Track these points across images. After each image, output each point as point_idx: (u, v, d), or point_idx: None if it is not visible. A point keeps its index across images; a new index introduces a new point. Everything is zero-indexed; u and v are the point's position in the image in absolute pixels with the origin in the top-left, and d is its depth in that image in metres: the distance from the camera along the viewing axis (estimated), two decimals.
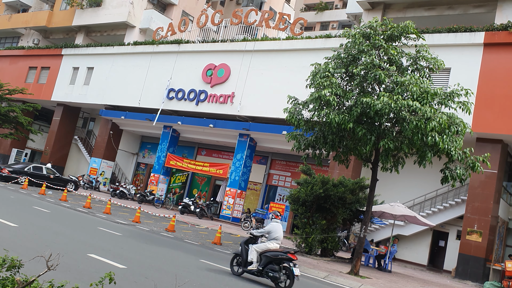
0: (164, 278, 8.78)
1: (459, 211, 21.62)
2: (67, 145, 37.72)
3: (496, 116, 19.14)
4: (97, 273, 8.15)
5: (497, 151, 19.67)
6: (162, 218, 22.48)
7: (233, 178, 27.20)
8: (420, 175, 20.67)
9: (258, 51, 26.94)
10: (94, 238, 12.45)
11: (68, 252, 9.54)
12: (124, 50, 33.26)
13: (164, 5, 38.26)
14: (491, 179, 19.65)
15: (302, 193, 18.02)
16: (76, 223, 15.24)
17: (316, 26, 50.05)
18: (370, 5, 25.26)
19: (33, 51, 39.39)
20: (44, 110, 39.47)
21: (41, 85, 37.43)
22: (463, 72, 19.80)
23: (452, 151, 12.75)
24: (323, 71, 13.87)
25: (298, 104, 14.75)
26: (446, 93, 13.41)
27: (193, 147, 33.99)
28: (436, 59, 13.95)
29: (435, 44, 20.02)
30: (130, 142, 36.82)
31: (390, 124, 13.72)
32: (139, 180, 36.50)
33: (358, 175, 22.53)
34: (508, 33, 19.54)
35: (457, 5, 23.74)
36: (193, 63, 29.43)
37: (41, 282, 4.51)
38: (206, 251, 14.23)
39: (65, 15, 39.88)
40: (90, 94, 34.08)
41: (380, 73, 12.99)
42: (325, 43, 24.00)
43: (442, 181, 13.75)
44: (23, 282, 4.34)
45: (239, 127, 26.87)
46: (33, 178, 25.77)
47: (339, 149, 14.76)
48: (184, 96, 29.03)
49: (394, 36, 14.20)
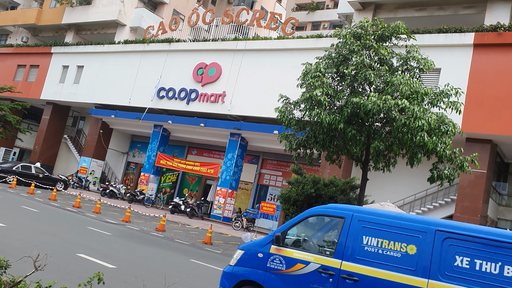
0: (154, 278, 8.73)
1: (448, 210, 21.75)
2: (56, 144, 37.40)
3: (485, 117, 19.30)
4: (86, 273, 8.07)
5: (486, 151, 19.83)
6: (152, 218, 22.37)
7: (224, 178, 27.14)
8: (410, 175, 20.76)
9: (250, 50, 26.91)
10: (84, 238, 12.34)
11: (57, 252, 9.44)
12: (115, 48, 33.04)
13: (155, 4, 38.08)
14: (480, 179, 19.80)
15: (293, 192, 18.04)
16: (65, 223, 15.11)
17: (308, 26, 50.17)
18: (361, 5, 25.34)
19: (22, 49, 39.01)
20: (33, 109, 39.11)
21: (30, 83, 37.08)
22: (453, 72, 19.93)
23: (441, 151, 12.83)
24: (314, 71, 13.90)
25: (290, 104, 14.76)
26: (436, 93, 13.49)
27: (184, 146, 33.88)
28: (426, 60, 14.02)
29: (426, 44, 20.14)
30: (120, 141, 36.60)
31: (381, 124, 13.77)
32: (129, 179, 36.30)
33: (348, 175, 22.59)
34: (498, 34, 19.72)
35: (448, 6, 23.90)
36: (184, 62, 29.33)
37: (28, 282, 4.45)
38: (197, 250, 14.18)
39: (55, 13, 39.54)
40: (80, 93, 33.82)
41: (370, 73, 13.03)
42: (316, 43, 24.03)
43: (429, 180, 13.83)
44: (10, 282, 4.28)
45: (230, 127, 26.83)
46: (21, 177, 25.51)
47: (330, 149, 14.79)
48: (175, 95, 28.91)
49: (385, 36, 14.26)
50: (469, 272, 5.50)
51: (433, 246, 5.79)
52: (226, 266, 7.14)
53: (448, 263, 5.64)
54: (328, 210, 6.78)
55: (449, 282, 5.55)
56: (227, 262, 12.92)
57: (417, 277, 5.69)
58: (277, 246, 6.67)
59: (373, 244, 6.12)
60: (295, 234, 6.90)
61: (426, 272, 5.69)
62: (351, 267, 6.10)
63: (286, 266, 6.52)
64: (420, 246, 5.85)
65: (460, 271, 5.55)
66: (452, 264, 5.62)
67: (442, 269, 5.64)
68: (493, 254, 5.46)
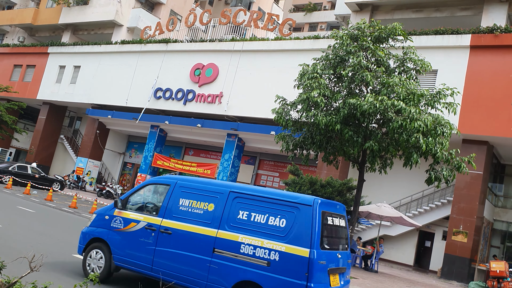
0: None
1: (445, 211, 21.81)
2: (52, 144, 37.30)
3: (482, 118, 19.35)
4: (82, 274, 8.05)
5: (482, 153, 19.87)
6: None
7: (221, 178, 27.11)
8: (407, 176, 20.80)
9: (247, 51, 26.91)
10: None
11: (52, 252, 9.41)
12: (112, 49, 32.98)
13: (152, 4, 38.05)
14: (476, 180, 19.86)
15: None
16: (62, 223, 15.06)
17: (305, 27, 50.22)
18: (358, 6, 25.39)
19: (18, 49, 38.89)
20: (30, 109, 38.97)
21: (27, 83, 36.96)
22: (449, 74, 19.98)
23: (438, 153, 12.84)
24: (311, 72, 13.90)
25: (287, 105, 14.76)
26: (433, 94, 13.50)
27: (181, 147, 33.83)
28: (423, 61, 14.04)
29: (422, 46, 20.18)
30: (117, 141, 36.52)
31: (377, 125, 13.79)
32: (126, 180, 36.22)
33: (345, 176, 22.61)
34: (494, 36, 19.78)
35: (445, 8, 23.96)
36: (181, 62, 29.30)
37: (24, 283, 4.43)
38: None
39: (52, 13, 39.44)
40: (77, 93, 33.74)
41: (367, 75, 13.05)
42: (313, 44, 24.06)
43: (427, 182, 13.85)
44: (5, 283, 4.26)
45: (227, 127, 26.81)
46: (17, 178, 25.42)
47: (327, 150, 14.79)
48: (172, 95, 28.88)
49: (382, 37, 14.27)
50: (246, 222, 6.91)
51: (226, 204, 7.18)
52: (84, 227, 8.55)
53: (233, 216, 7.02)
54: (160, 180, 8.31)
55: (231, 230, 6.93)
56: None
57: (211, 228, 7.10)
58: (119, 209, 8.12)
59: (185, 204, 7.55)
60: (135, 200, 8.33)
61: (217, 224, 7.09)
62: (168, 223, 7.52)
63: (123, 225, 7.97)
64: (217, 204, 7.25)
65: (241, 222, 6.95)
66: (236, 217, 7.01)
67: (229, 221, 7.03)
68: (262, 208, 6.91)
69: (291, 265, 6.40)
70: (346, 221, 7.72)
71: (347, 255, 7.57)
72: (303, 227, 6.54)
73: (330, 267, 6.78)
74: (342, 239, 7.57)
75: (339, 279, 7.11)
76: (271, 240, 6.62)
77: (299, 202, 6.76)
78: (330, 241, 7.05)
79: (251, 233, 6.77)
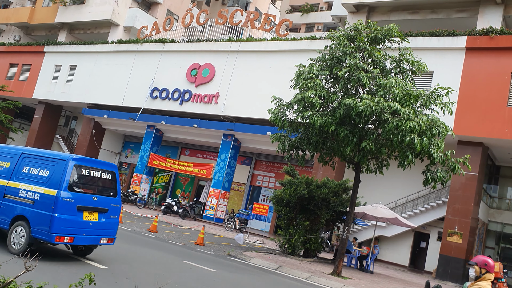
0: (146, 279, 8.70)
1: (440, 212, 21.89)
2: (48, 144, 37.16)
3: (477, 119, 19.44)
4: (77, 274, 8.04)
5: (477, 154, 19.97)
6: (145, 218, 22.30)
7: (217, 179, 27.12)
8: (402, 177, 20.87)
9: (243, 51, 26.92)
10: None
11: (48, 252, 9.39)
12: (108, 48, 32.91)
13: (149, 4, 38.00)
14: (471, 181, 19.94)
15: (286, 194, 18.05)
16: None
17: (302, 27, 50.30)
18: (355, 7, 25.44)
19: (14, 47, 38.74)
20: (25, 108, 38.87)
21: (22, 82, 36.83)
22: (445, 75, 20.06)
23: (433, 153, 12.88)
24: (308, 73, 13.93)
25: (283, 105, 14.78)
26: (428, 94, 13.56)
27: (177, 147, 33.80)
28: (419, 62, 14.10)
29: (419, 47, 20.26)
30: (113, 141, 36.44)
31: (373, 126, 13.82)
32: (122, 180, 36.11)
33: (341, 177, 22.66)
34: (489, 38, 19.88)
35: (441, 10, 24.05)
36: (177, 62, 29.28)
37: (19, 283, 4.42)
38: (189, 251, 14.15)
39: (48, 12, 39.32)
40: (73, 92, 33.65)
41: (363, 76, 13.09)
42: (310, 44, 24.10)
43: (424, 183, 13.90)
44: (0, 283, 4.25)
45: (224, 127, 26.82)
46: None
47: (323, 150, 14.82)
48: (168, 95, 28.86)
49: (378, 38, 14.32)
50: (27, 174, 9.31)
51: (17, 162, 9.57)
52: None
53: (20, 170, 9.43)
54: None
55: (16, 181, 9.32)
56: (219, 263, 12.93)
57: (5, 180, 9.49)
58: None
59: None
60: None
61: (9, 176, 9.49)
62: None
63: None
64: (12, 162, 9.64)
65: (23, 174, 9.36)
66: (21, 171, 9.41)
67: (17, 174, 9.43)
68: (37, 164, 9.31)
69: (45, 201, 8.76)
70: (114, 175, 9.91)
71: (108, 200, 9.63)
72: (57, 175, 8.90)
73: (80, 204, 9.00)
74: (103, 188, 9.68)
75: (98, 216, 9.35)
76: (37, 186, 9.00)
77: (58, 158, 9.21)
78: (85, 186, 9.30)
79: (27, 182, 9.16)
